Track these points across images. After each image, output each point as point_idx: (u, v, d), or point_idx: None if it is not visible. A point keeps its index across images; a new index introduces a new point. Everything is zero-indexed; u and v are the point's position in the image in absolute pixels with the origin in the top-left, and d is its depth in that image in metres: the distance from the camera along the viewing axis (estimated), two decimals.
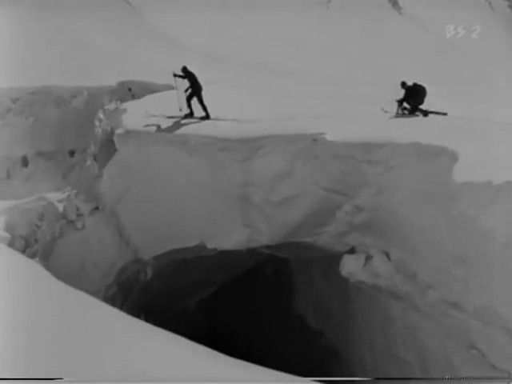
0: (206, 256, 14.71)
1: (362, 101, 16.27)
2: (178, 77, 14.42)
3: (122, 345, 5.47)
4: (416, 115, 14.68)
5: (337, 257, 12.86)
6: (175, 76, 14.42)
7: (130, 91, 19.34)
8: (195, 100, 14.48)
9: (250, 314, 20.51)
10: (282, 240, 13.33)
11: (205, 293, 21.24)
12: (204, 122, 14.00)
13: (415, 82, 14.92)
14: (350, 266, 12.32)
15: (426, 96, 14.77)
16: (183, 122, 14.00)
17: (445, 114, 14.51)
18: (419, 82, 14.95)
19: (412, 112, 14.81)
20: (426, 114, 14.54)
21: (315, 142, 12.45)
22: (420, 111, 14.70)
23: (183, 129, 13.44)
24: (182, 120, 14.14)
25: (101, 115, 15.25)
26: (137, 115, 14.40)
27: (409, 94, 14.76)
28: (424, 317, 10.84)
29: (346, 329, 15.56)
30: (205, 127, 13.33)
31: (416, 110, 14.76)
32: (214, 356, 5.66)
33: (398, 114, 14.81)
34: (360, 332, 14.48)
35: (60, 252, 12.82)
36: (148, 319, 8.73)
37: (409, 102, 14.87)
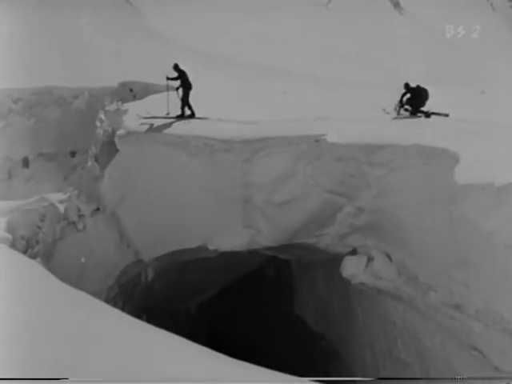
0: (207, 257, 14.71)
1: (364, 102, 16.24)
2: (171, 80, 14.51)
3: (124, 345, 5.47)
4: (418, 116, 14.68)
5: (338, 258, 12.85)
6: (168, 79, 14.52)
7: (132, 92, 19.34)
8: (186, 98, 14.49)
9: (250, 315, 20.51)
10: (283, 241, 13.32)
11: (206, 294, 21.25)
12: (204, 122, 13.96)
13: (418, 84, 14.95)
14: (352, 268, 12.31)
15: (428, 99, 14.78)
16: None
17: (446, 115, 14.50)
18: (422, 85, 14.97)
19: (413, 113, 14.81)
20: (428, 116, 14.53)
21: (317, 143, 12.44)
22: (422, 112, 14.71)
23: (184, 130, 13.43)
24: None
25: (102, 116, 15.23)
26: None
27: (411, 96, 14.77)
28: (425, 319, 10.83)
29: (346, 330, 15.55)
30: (206, 128, 13.32)
31: (417, 112, 14.77)
32: (214, 357, 5.67)
33: (400, 115, 14.80)
34: (361, 333, 14.48)
35: (61, 253, 12.83)
36: (149, 320, 8.74)
37: (410, 104, 14.87)
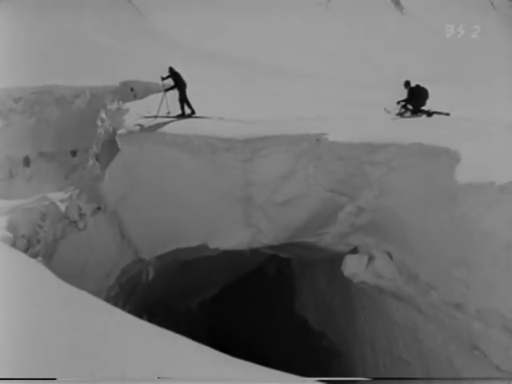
0: (208, 256, 14.72)
1: (365, 101, 16.22)
2: (165, 79, 14.57)
3: (125, 345, 5.48)
4: (419, 115, 14.67)
5: (339, 257, 12.85)
6: (163, 79, 14.58)
7: (133, 91, 19.29)
8: (183, 97, 14.54)
9: (251, 314, 20.52)
10: (284, 240, 13.33)
11: (207, 293, 21.27)
12: (205, 122, 13.95)
13: (418, 83, 14.93)
14: (353, 267, 12.32)
15: (427, 99, 14.78)
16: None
17: (447, 114, 14.49)
18: (422, 84, 14.96)
19: (414, 112, 14.79)
20: (429, 115, 14.51)
21: (318, 142, 12.44)
22: (423, 112, 14.69)
23: (185, 129, 13.43)
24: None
25: (103, 115, 15.23)
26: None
27: (411, 96, 14.78)
28: (426, 318, 10.83)
29: (347, 329, 15.55)
30: (207, 127, 13.31)
31: (418, 111, 14.75)
32: (215, 356, 5.67)
33: (400, 115, 14.78)
34: (362, 333, 14.48)
35: (62, 252, 12.83)
36: (150, 319, 8.76)
37: (411, 104, 14.87)
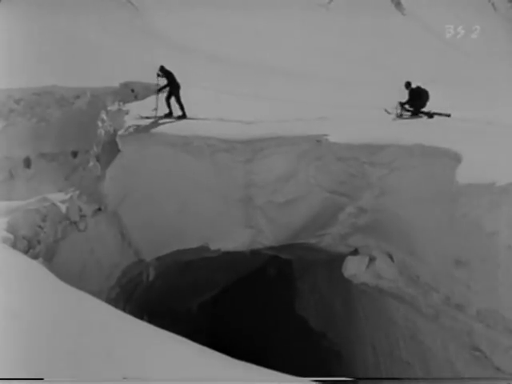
0: (209, 257, 14.71)
1: (366, 102, 16.22)
2: (160, 76, 14.58)
3: (125, 346, 5.47)
4: (419, 117, 14.68)
5: (340, 258, 12.85)
6: (158, 76, 14.61)
7: (133, 92, 19.29)
8: (177, 98, 14.57)
9: (252, 315, 20.51)
10: (284, 241, 13.32)
11: (207, 294, 21.25)
12: (205, 122, 13.95)
13: (419, 85, 14.95)
14: (353, 268, 12.32)
15: (428, 100, 14.80)
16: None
17: (448, 115, 14.49)
18: (423, 85, 14.97)
19: (415, 114, 14.79)
20: (430, 116, 14.52)
21: (319, 143, 12.44)
22: (424, 113, 14.70)
23: (185, 130, 13.42)
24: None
25: (104, 116, 15.23)
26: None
27: (412, 97, 14.79)
28: (427, 319, 10.82)
29: (348, 330, 15.54)
30: (208, 128, 13.31)
31: (419, 113, 14.76)
32: (215, 356, 5.67)
33: (400, 116, 14.78)
34: (362, 334, 14.47)
35: (63, 253, 12.82)
36: (150, 320, 8.74)
37: (411, 105, 14.87)
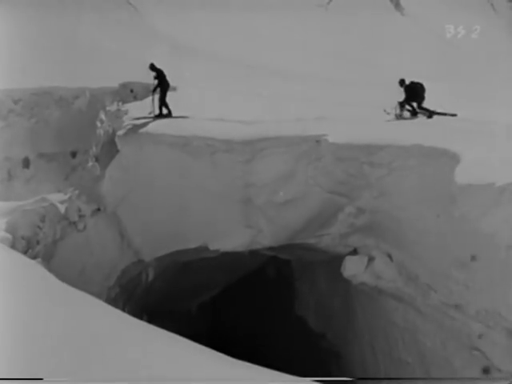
0: (208, 258, 14.70)
1: (365, 102, 16.21)
2: (152, 70, 14.55)
3: (125, 346, 5.47)
4: (417, 117, 14.59)
5: (339, 259, 12.85)
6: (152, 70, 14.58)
7: (132, 92, 19.32)
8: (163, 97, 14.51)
9: (251, 315, 20.50)
10: (284, 242, 13.32)
11: (207, 294, 21.23)
12: (205, 122, 13.92)
13: (412, 80, 14.79)
14: (352, 268, 12.32)
15: (424, 92, 14.60)
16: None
17: (454, 115, 14.26)
18: (416, 80, 14.82)
19: (414, 113, 14.71)
20: (430, 116, 14.34)
21: (318, 143, 12.45)
22: (426, 110, 14.49)
23: (185, 130, 13.42)
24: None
25: (103, 116, 15.26)
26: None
27: (409, 94, 14.62)
28: (426, 319, 10.83)
29: (347, 331, 15.54)
30: (207, 128, 13.31)
31: (421, 109, 14.58)
32: (215, 357, 5.66)
33: (400, 116, 14.73)
34: (361, 334, 14.46)
35: (62, 253, 12.82)
36: (150, 321, 8.74)
37: (410, 104, 14.76)
